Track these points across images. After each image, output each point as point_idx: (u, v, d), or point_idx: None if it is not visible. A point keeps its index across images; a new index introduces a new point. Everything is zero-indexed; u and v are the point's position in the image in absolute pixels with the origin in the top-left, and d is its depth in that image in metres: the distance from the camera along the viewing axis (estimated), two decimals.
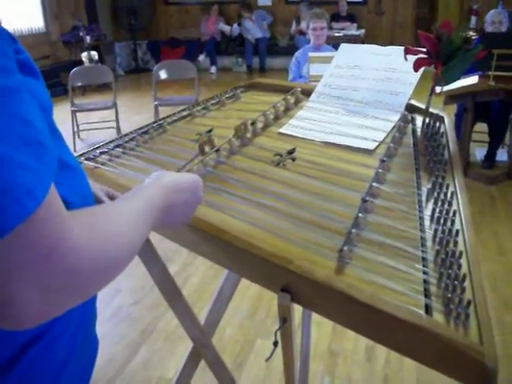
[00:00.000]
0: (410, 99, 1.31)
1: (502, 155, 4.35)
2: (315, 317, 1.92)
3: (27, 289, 0.42)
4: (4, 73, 0.42)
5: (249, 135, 1.20)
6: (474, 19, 8.46)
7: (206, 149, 1.10)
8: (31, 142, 0.42)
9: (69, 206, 0.56)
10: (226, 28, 9.30)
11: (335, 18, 8.50)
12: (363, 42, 7.58)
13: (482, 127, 4.41)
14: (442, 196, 0.89)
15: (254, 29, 8.99)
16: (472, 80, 3.66)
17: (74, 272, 0.44)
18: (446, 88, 1.18)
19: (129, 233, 0.54)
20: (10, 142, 0.40)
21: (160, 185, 0.67)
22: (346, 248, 0.74)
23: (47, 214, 0.43)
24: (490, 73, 3.56)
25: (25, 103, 0.43)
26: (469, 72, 3.59)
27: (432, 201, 0.89)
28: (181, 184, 0.71)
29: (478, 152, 4.51)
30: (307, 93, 1.46)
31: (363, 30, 8.62)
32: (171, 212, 0.67)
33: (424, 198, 0.91)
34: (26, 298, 0.42)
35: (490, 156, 4.29)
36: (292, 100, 1.42)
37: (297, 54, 4.08)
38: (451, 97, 3.93)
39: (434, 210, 0.85)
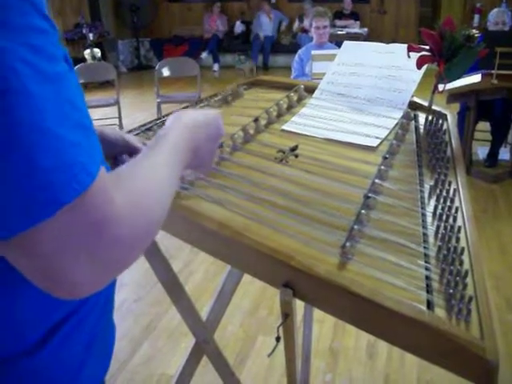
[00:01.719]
0: (412, 96, 1.31)
1: (504, 154, 4.34)
2: (317, 314, 1.93)
3: (79, 261, 0.44)
4: (55, 61, 0.45)
5: (252, 131, 1.20)
6: (477, 17, 8.44)
7: None
8: (81, 124, 0.45)
9: None
10: (239, 26, 9.32)
11: (338, 15, 8.49)
12: (366, 41, 7.56)
13: (484, 126, 4.40)
14: (444, 193, 0.89)
15: (269, 26, 8.98)
16: (475, 78, 3.64)
17: (120, 242, 0.47)
18: (449, 86, 1.18)
19: (163, 190, 0.56)
20: (66, 124, 0.43)
21: (182, 125, 0.68)
22: (348, 244, 0.75)
23: (98, 189, 0.45)
24: (492, 71, 3.55)
25: (72, 89, 0.46)
26: (471, 70, 3.58)
27: (434, 197, 0.90)
28: (203, 120, 0.72)
29: (481, 151, 4.51)
30: (310, 90, 1.46)
31: (366, 29, 8.60)
32: (198, 149, 0.69)
33: (426, 195, 0.92)
34: (79, 270, 0.45)
35: (493, 155, 4.28)
36: (295, 97, 1.43)
37: (299, 52, 4.08)
38: (454, 95, 3.92)
39: (436, 207, 0.86)
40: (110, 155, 0.88)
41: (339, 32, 7.95)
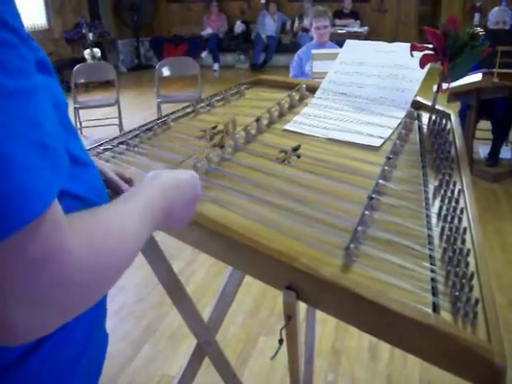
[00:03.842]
0: (415, 96, 1.30)
1: (505, 153, 4.33)
2: (319, 315, 1.92)
3: (16, 301, 0.39)
4: (21, 75, 0.41)
5: (253, 131, 1.19)
6: (477, 16, 8.43)
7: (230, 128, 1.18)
8: (42, 146, 0.41)
9: (85, 202, 0.55)
10: (240, 26, 9.33)
11: (338, 15, 8.47)
12: (366, 39, 7.54)
13: (485, 125, 4.39)
14: (448, 193, 0.88)
15: (272, 27, 8.98)
16: (476, 77, 3.64)
17: (68, 285, 0.42)
18: (450, 85, 1.17)
19: (127, 240, 0.52)
20: (20, 143, 0.39)
21: (157, 184, 0.65)
22: (352, 246, 0.74)
23: (48, 221, 0.41)
24: (493, 70, 3.54)
25: (38, 105, 0.42)
26: (473, 69, 3.57)
27: (439, 198, 0.89)
28: (178, 181, 0.70)
29: (482, 150, 4.50)
30: (312, 89, 1.45)
31: (366, 28, 8.59)
32: (172, 210, 0.66)
33: (431, 196, 0.91)
34: (14, 312, 0.40)
35: (494, 153, 4.27)
36: (297, 97, 1.42)
37: (299, 52, 4.05)
38: (455, 94, 3.91)
39: (441, 208, 0.85)
40: None
41: (339, 31, 7.93)
